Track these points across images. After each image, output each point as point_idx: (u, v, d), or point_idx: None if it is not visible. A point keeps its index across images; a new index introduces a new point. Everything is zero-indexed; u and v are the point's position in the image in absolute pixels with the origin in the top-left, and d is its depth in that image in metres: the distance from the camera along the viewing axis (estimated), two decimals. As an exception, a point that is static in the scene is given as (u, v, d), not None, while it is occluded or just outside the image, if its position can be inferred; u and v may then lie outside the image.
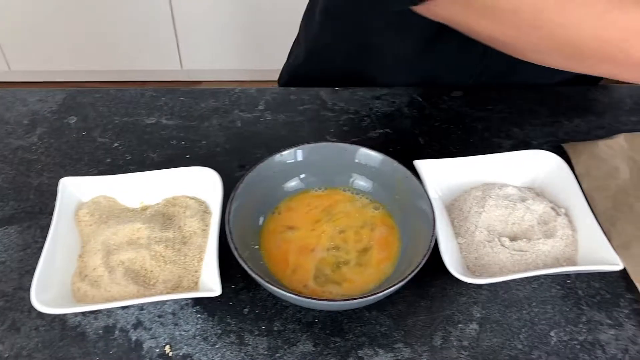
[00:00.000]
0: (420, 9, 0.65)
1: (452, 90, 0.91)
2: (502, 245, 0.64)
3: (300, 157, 0.68)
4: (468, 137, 0.83)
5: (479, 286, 0.66)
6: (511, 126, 0.85)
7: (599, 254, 0.63)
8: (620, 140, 0.81)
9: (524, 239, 0.65)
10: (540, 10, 0.58)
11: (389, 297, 0.63)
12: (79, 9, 2.40)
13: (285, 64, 1.11)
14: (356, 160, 0.69)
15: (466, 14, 0.63)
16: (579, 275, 0.67)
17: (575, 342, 0.61)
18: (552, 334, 0.62)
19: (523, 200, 0.68)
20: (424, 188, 0.66)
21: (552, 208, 0.68)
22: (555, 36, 0.59)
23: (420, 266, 0.59)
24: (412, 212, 0.66)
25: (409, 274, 0.57)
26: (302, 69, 1.04)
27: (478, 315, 0.63)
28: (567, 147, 0.81)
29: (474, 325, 0.62)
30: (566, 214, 0.68)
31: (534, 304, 0.64)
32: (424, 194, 0.65)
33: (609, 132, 0.84)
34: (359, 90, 0.90)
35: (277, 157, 0.67)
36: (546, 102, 0.89)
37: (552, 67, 0.66)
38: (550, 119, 0.86)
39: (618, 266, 0.61)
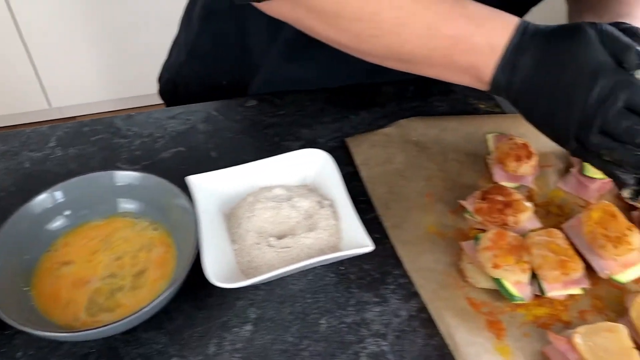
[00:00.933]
0: (262, 6, 0.68)
1: (248, 100, 0.94)
2: (269, 245, 0.67)
3: (59, 197, 0.69)
4: (260, 144, 0.86)
5: (256, 287, 0.69)
6: (300, 128, 0.89)
7: (356, 239, 0.67)
8: (397, 127, 0.87)
9: (290, 236, 0.68)
10: (378, 21, 0.63)
11: (166, 314, 0.65)
12: None
13: (165, 63, 1.11)
14: (119, 184, 0.70)
15: (303, 16, 0.66)
16: (352, 260, 0.71)
17: (343, 325, 0.65)
18: (322, 321, 0.65)
19: (289, 199, 0.71)
20: (191, 202, 0.68)
21: (318, 202, 0.72)
22: (388, 44, 0.65)
23: (182, 280, 0.62)
24: (182, 227, 0.68)
25: (167, 289, 0.59)
26: (184, 69, 1.05)
27: (254, 316, 0.66)
28: (348, 140, 0.85)
29: (249, 327, 0.65)
30: (331, 206, 0.72)
31: (308, 295, 0.68)
32: (189, 209, 0.67)
33: (391, 121, 0.89)
34: (155, 112, 0.91)
35: (30, 205, 0.67)
36: (336, 100, 0.93)
37: (391, 68, 0.71)
38: (338, 115, 0.91)
39: (368, 247, 0.65)
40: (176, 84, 1.07)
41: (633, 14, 0.72)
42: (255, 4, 0.68)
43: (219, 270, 0.64)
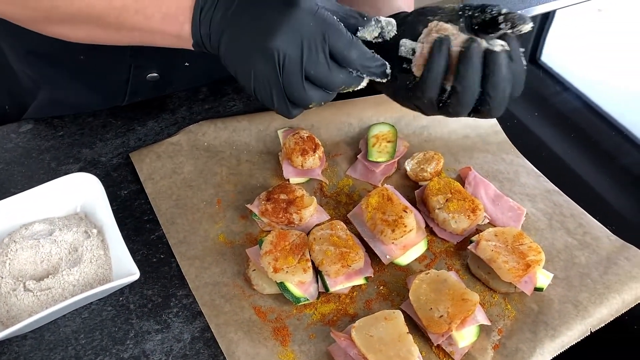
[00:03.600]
0: None
1: (22, 124, 0.85)
2: (27, 289, 0.61)
3: None
4: (33, 173, 0.78)
5: (23, 337, 0.62)
6: (81, 148, 0.82)
7: (125, 267, 0.62)
8: (185, 134, 0.82)
9: (50, 275, 0.62)
10: None
11: None
12: None
13: None
14: None
15: None
16: (132, 288, 0.66)
17: (120, 362, 0.60)
18: (97, 362, 0.60)
19: (51, 233, 0.65)
20: None
21: (85, 232, 0.66)
22: (75, 10, 0.58)
23: None
24: None
25: None
26: None
27: (17, 371, 0.59)
28: (132, 155, 0.80)
29: (11, 385, 0.58)
30: (99, 234, 0.66)
31: (82, 336, 0.62)
32: None
33: (182, 127, 0.84)
34: None
35: None
36: (120, 113, 0.87)
37: (100, 42, 0.64)
38: (123, 129, 0.85)
39: (134, 276, 0.61)
40: None
41: (404, 8, 0.71)
42: None
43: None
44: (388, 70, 0.58)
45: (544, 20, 1.17)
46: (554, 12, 1.18)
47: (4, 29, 0.74)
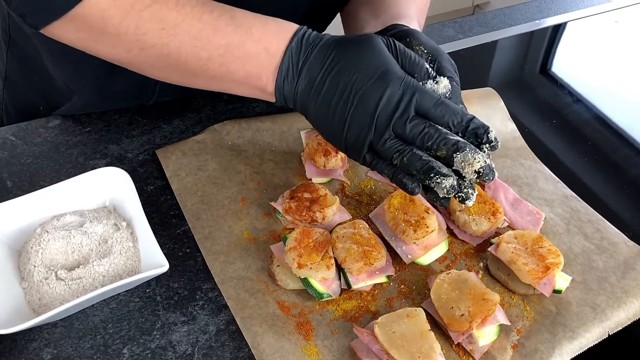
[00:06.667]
0: (46, 31, 0.61)
1: (50, 120, 0.87)
2: (59, 278, 0.62)
3: None
4: (62, 167, 0.80)
5: (53, 325, 0.63)
6: (108, 144, 0.84)
7: (154, 260, 0.64)
8: (210, 132, 0.84)
9: (82, 265, 0.63)
10: (143, 33, 0.59)
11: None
12: None
13: None
14: None
15: (83, 38, 0.62)
16: (159, 280, 0.68)
17: (148, 352, 0.62)
18: (125, 351, 0.61)
19: (81, 225, 0.66)
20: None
21: (115, 224, 0.67)
22: (163, 55, 0.61)
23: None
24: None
25: None
26: (2, 96, 0.96)
27: (48, 357, 0.61)
28: (158, 152, 0.81)
29: (43, 371, 0.60)
30: (128, 227, 0.68)
31: (110, 325, 0.64)
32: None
33: (206, 126, 0.86)
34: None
35: None
36: (146, 111, 0.89)
37: (175, 83, 0.68)
38: (148, 127, 0.87)
39: (163, 268, 0.62)
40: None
41: (409, 15, 0.73)
42: (42, 30, 0.62)
43: (2, 314, 0.59)
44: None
45: (555, 32, 1.19)
46: (565, 23, 1.20)
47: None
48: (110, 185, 0.71)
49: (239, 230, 0.73)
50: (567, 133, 0.95)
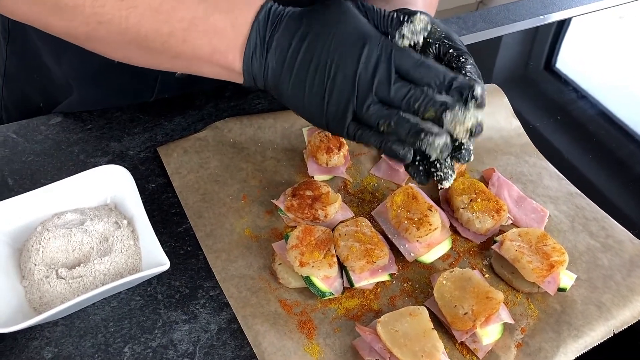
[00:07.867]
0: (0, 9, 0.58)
1: (52, 117, 0.86)
2: (60, 277, 0.62)
3: None
4: (63, 164, 0.80)
5: (54, 323, 0.63)
6: (109, 141, 0.83)
7: (155, 258, 0.63)
8: (211, 130, 0.84)
9: (82, 264, 0.63)
10: (101, 5, 0.55)
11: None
12: None
13: None
14: None
15: (37, 12, 0.58)
16: (160, 279, 0.67)
17: (149, 351, 0.61)
18: (126, 349, 0.61)
19: (82, 223, 0.66)
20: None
21: (115, 222, 0.67)
22: (122, 30, 0.57)
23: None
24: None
25: None
26: (2, 92, 0.95)
27: (49, 355, 0.60)
28: (160, 149, 0.81)
29: (43, 369, 0.59)
30: (129, 225, 0.67)
31: (111, 324, 0.63)
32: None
33: (208, 123, 0.86)
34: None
35: None
36: (147, 108, 0.88)
37: (137, 64, 0.63)
38: (150, 124, 0.86)
39: (164, 266, 0.62)
40: None
41: (416, 4, 0.72)
42: None
43: (3, 312, 0.58)
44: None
45: (560, 27, 1.18)
46: (569, 19, 1.19)
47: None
48: (112, 183, 0.71)
49: (241, 228, 0.73)
50: (572, 130, 0.94)
